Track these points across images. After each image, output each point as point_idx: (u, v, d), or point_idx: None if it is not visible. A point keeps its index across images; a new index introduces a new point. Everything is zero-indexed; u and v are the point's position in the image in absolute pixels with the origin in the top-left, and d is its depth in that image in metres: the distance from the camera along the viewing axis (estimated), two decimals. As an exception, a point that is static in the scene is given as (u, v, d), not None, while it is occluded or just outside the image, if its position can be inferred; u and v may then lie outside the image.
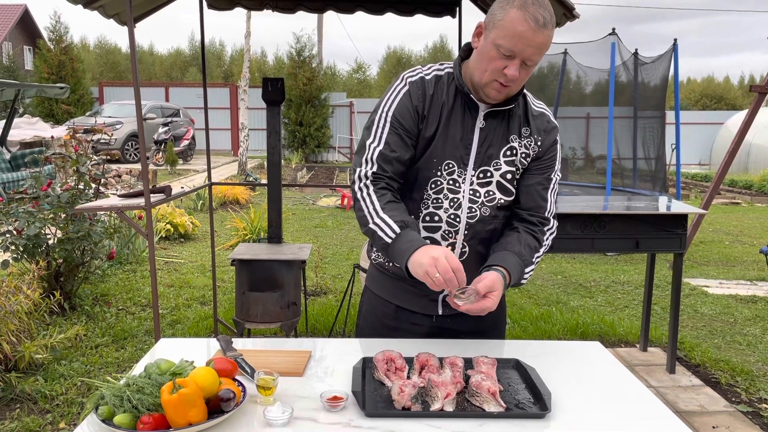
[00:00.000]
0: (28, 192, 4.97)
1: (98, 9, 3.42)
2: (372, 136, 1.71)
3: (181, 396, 1.22)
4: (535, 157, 1.77)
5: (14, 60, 27.84)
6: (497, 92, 1.64)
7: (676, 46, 8.52)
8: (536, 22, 1.53)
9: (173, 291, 5.62)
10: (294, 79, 20.68)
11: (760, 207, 12.65)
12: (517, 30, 1.54)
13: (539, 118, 1.78)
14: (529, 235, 1.77)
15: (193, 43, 42.06)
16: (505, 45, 1.55)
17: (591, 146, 10.57)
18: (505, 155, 1.73)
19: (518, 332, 4.66)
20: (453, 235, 1.74)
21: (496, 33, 1.57)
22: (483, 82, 1.63)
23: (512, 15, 1.54)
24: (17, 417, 3.21)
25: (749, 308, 5.46)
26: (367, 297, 1.96)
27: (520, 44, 1.55)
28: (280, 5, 4.41)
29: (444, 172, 1.71)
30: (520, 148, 1.74)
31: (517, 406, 1.39)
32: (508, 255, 1.69)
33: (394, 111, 1.70)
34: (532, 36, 1.54)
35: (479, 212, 1.74)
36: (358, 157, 1.73)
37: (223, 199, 10.54)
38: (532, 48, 1.56)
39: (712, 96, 37.23)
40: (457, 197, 1.72)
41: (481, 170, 1.72)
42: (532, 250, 1.76)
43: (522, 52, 1.56)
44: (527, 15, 1.53)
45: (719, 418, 3.37)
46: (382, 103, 1.73)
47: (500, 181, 1.73)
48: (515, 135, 1.74)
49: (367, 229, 1.66)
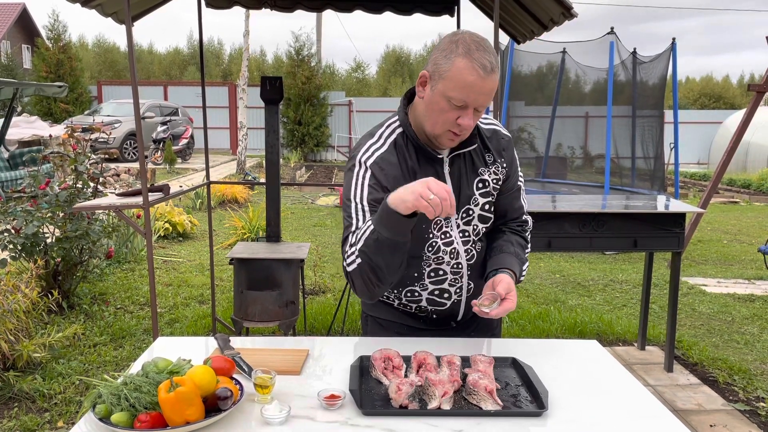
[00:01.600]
0: (26, 191, 4.97)
1: (96, 7, 3.42)
2: (354, 225, 1.62)
3: (178, 394, 1.22)
4: (504, 178, 1.78)
5: (12, 58, 27.80)
6: (451, 141, 1.62)
7: (674, 45, 8.52)
8: (484, 69, 1.50)
9: (171, 290, 5.62)
10: (293, 78, 20.67)
11: (759, 206, 12.66)
12: (466, 81, 1.50)
13: (494, 138, 1.78)
14: (515, 235, 1.83)
15: (192, 42, 42.06)
16: (456, 96, 1.52)
17: (590, 145, 10.59)
18: (478, 188, 1.73)
19: (516, 331, 4.66)
20: (459, 280, 1.76)
21: (445, 85, 1.53)
22: (435, 133, 1.61)
23: (459, 65, 1.50)
24: (15, 416, 3.20)
25: (747, 307, 5.46)
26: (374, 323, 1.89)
27: (472, 94, 1.51)
28: (278, 4, 4.41)
29: (434, 230, 1.70)
30: (490, 176, 1.75)
31: (514, 404, 1.39)
32: (507, 256, 1.72)
33: (367, 198, 1.62)
34: (482, 84, 1.51)
35: (474, 250, 1.76)
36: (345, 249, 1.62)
37: (222, 198, 10.54)
38: (483, 95, 1.53)
39: (710, 95, 37.27)
40: (453, 247, 1.72)
41: (463, 211, 1.72)
42: (523, 248, 1.82)
43: (474, 101, 1.53)
44: (474, 63, 1.49)
45: (717, 416, 3.37)
46: (352, 194, 1.65)
47: (480, 213, 1.74)
48: (482, 167, 1.74)
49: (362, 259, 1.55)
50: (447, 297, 1.78)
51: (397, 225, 1.48)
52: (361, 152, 1.68)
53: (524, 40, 4.27)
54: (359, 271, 1.57)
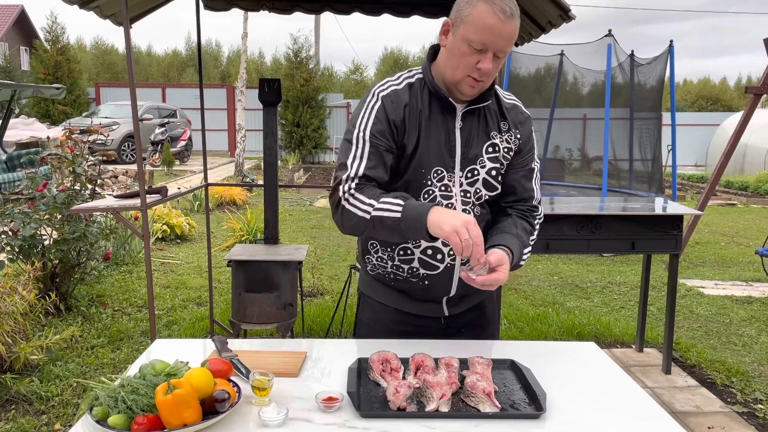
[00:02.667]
0: (24, 193, 4.95)
1: (94, 9, 3.41)
2: (352, 156, 1.65)
3: (175, 397, 1.22)
4: (516, 150, 1.78)
5: (11, 60, 27.76)
6: (471, 87, 1.64)
7: (671, 47, 8.54)
8: (504, 14, 1.55)
9: (169, 292, 5.61)
10: (291, 80, 20.66)
11: (756, 208, 12.68)
12: (487, 23, 1.55)
13: (513, 111, 1.80)
14: (521, 219, 1.80)
15: (190, 44, 42.09)
16: (476, 39, 1.56)
17: (587, 147, 10.60)
18: (487, 152, 1.73)
19: (514, 333, 4.66)
20: None
21: (466, 28, 1.58)
22: (456, 79, 1.63)
23: (480, 9, 1.56)
24: (12, 418, 3.20)
25: (745, 309, 5.47)
26: (367, 304, 1.91)
27: (491, 37, 1.56)
28: (277, 6, 4.41)
29: (434, 180, 1.69)
30: (501, 143, 1.75)
31: (512, 406, 1.39)
32: (508, 236, 1.70)
33: (371, 129, 1.65)
34: (502, 27, 1.55)
35: (472, 213, 1.73)
36: (339, 176, 1.65)
37: (220, 200, 10.53)
38: (503, 39, 1.57)
39: (708, 97, 37.37)
40: (450, 202, 1.70)
41: (468, 170, 1.72)
42: (528, 233, 1.78)
43: (494, 44, 1.57)
44: (495, 7, 1.55)
45: (715, 418, 3.38)
46: (358, 122, 1.68)
47: (486, 178, 1.74)
48: (495, 131, 1.75)
49: (371, 222, 1.58)
50: (440, 259, 1.73)
51: (416, 234, 1.55)
52: (378, 85, 1.73)
53: (522, 42, 4.28)
54: (357, 220, 1.60)
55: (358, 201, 1.61)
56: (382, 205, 1.58)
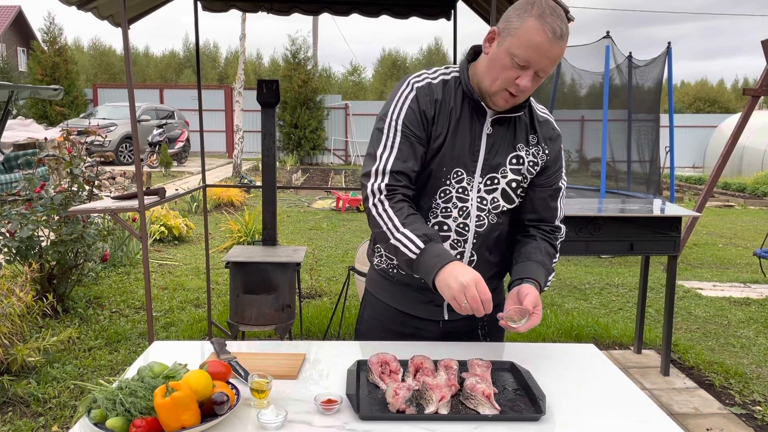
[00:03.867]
0: (21, 194, 4.94)
1: (92, 10, 3.41)
2: (382, 146, 1.65)
3: (174, 399, 1.21)
4: (544, 166, 1.75)
5: (8, 61, 27.73)
6: (505, 101, 1.62)
7: (669, 49, 8.55)
8: (554, 34, 1.50)
9: (167, 293, 5.60)
10: (289, 81, 20.67)
11: (754, 210, 12.71)
12: (534, 41, 1.51)
13: (545, 125, 1.77)
14: (545, 242, 1.78)
15: (188, 45, 42.07)
16: (520, 55, 1.53)
17: (585, 149, 10.61)
18: (511, 163, 1.71)
19: (513, 335, 4.65)
20: (462, 244, 1.72)
21: (512, 42, 1.54)
22: (492, 90, 1.61)
23: (530, 25, 1.51)
24: (9, 420, 3.18)
25: (743, 310, 5.48)
26: (370, 302, 1.92)
27: (536, 55, 1.52)
28: (275, 7, 4.42)
29: (453, 180, 1.68)
30: (527, 156, 1.72)
31: (511, 408, 1.39)
32: (534, 265, 1.69)
33: (403, 118, 1.65)
34: (549, 47, 1.51)
35: (487, 220, 1.72)
36: (369, 168, 1.66)
37: (218, 202, 10.52)
38: (547, 59, 1.53)
39: (705, 99, 37.46)
40: (465, 206, 1.69)
41: (488, 177, 1.70)
42: (551, 257, 1.77)
43: (537, 63, 1.53)
44: (545, 26, 1.50)
45: (713, 420, 3.38)
46: (390, 110, 1.67)
47: (505, 188, 1.72)
48: (522, 143, 1.72)
49: (388, 245, 1.61)
50: None
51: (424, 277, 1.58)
52: (413, 76, 1.71)
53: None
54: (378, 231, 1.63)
55: (386, 214, 1.62)
56: (402, 237, 1.59)
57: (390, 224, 1.61)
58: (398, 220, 1.60)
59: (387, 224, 1.61)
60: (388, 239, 1.61)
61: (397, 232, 1.59)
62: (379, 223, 1.62)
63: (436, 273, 1.53)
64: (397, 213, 1.61)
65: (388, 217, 1.61)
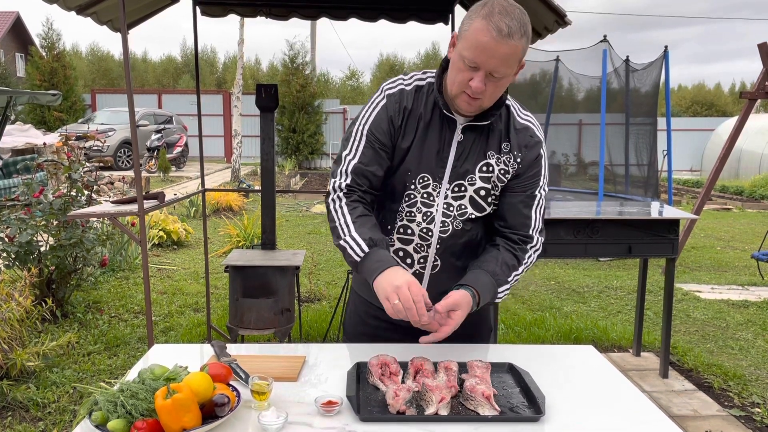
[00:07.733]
0: (20, 199, 4.94)
1: (91, 16, 3.43)
2: (348, 149, 1.71)
3: (175, 401, 1.22)
4: (515, 174, 1.72)
5: (6, 67, 27.72)
6: (467, 104, 1.61)
7: (666, 53, 8.58)
8: (499, 32, 1.48)
9: (166, 298, 5.60)
10: (287, 86, 20.71)
11: (751, 212, 12.73)
12: (480, 41, 1.49)
13: (522, 133, 1.72)
14: (508, 253, 1.73)
15: (186, 50, 42.11)
16: (468, 56, 1.53)
17: (583, 152, 10.62)
18: (481, 171, 1.70)
19: (512, 338, 4.66)
20: (425, 248, 1.73)
21: (462, 44, 1.55)
22: (453, 93, 1.62)
23: (476, 25, 1.51)
24: (9, 425, 3.18)
25: (741, 313, 5.48)
26: (353, 298, 1.98)
27: (483, 55, 1.50)
28: (273, 12, 4.43)
29: (418, 186, 1.69)
30: (497, 164, 1.70)
31: (511, 409, 1.40)
32: (482, 274, 1.67)
33: (370, 125, 1.69)
34: (495, 47, 1.49)
35: (451, 226, 1.72)
36: (335, 168, 1.73)
37: (217, 206, 10.52)
38: (495, 59, 1.50)
39: (702, 103, 37.57)
40: (430, 211, 1.70)
41: (456, 184, 1.70)
42: (510, 269, 1.72)
43: (485, 63, 1.51)
44: (491, 25, 1.48)
45: (712, 422, 3.38)
46: (361, 115, 1.72)
47: (473, 196, 1.71)
48: (493, 151, 1.70)
49: (338, 244, 1.67)
50: (409, 263, 1.75)
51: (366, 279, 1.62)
52: (389, 82, 1.74)
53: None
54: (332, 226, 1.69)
55: (340, 211, 1.68)
56: (350, 239, 1.64)
57: (342, 221, 1.66)
58: (350, 218, 1.65)
59: (339, 221, 1.67)
60: (339, 237, 1.66)
61: (347, 233, 1.64)
62: (334, 219, 1.69)
63: (375, 276, 1.57)
64: (351, 212, 1.66)
65: (342, 214, 1.67)
